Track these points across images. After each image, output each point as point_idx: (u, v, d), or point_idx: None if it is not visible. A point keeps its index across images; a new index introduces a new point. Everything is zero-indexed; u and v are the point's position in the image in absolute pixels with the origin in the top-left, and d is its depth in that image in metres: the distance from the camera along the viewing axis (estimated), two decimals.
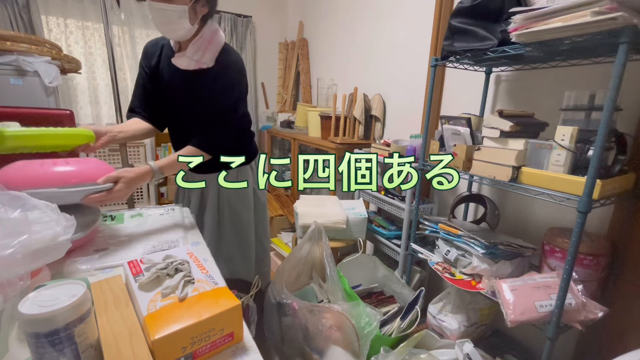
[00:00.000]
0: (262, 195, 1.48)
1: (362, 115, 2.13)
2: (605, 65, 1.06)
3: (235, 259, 1.42)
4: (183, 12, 1.03)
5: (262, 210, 1.50)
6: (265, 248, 1.57)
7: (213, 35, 1.14)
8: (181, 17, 1.04)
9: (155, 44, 1.25)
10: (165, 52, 1.21)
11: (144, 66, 1.25)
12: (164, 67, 1.21)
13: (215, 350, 0.56)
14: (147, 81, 1.25)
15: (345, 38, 2.52)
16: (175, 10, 1.02)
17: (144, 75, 1.25)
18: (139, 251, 0.86)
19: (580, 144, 0.93)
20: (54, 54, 1.78)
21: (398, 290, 1.50)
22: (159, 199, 3.13)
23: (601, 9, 0.75)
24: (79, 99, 2.75)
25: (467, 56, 1.17)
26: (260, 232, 1.51)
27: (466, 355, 1.10)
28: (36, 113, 1.54)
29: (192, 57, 1.12)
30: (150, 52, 1.24)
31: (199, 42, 1.12)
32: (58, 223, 0.58)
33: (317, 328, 1.08)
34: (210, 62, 1.14)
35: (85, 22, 2.64)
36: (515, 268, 1.14)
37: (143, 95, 1.26)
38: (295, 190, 2.67)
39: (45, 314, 0.44)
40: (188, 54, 1.12)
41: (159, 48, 1.23)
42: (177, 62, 1.15)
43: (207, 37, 1.13)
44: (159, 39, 1.25)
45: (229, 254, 1.40)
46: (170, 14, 1.02)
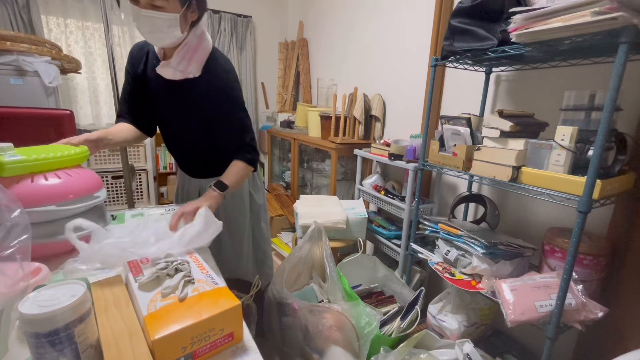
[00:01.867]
0: (259, 198, 1.44)
1: (362, 115, 2.13)
2: (605, 65, 1.06)
3: (232, 263, 1.40)
4: (174, 21, 0.95)
5: (259, 212, 1.46)
6: (264, 250, 1.54)
7: (199, 42, 1.06)
8: (171, 26, 0.95)
9: (140, 48, 1.17)
10: (151, 60, 1.14)
11: (130, 72, 1.18)
12: (150, 76, 1.14)
13: (215, 350, 0.56)
14: (134, 88, 1.19)
15: (346, 38, 2.52)
16: (166, 19, 0.94)
17: (130, 80, 1.19)
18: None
19: (580, 144, 0.93)
20: (54, 54, 1.78)
21: (398, 290, 1.50)
22: (159, 199, 3.13)
23: (601, 9, 0.75)
24: (79, 99, 2.75)
25: (467, 56, 1.17)
26: (258, 235, 1.48)
27: (466, 355, 1.10)
28: (36, 113, 1.55)
29: (177, 67, 1.05)
30: (136, 58, 1.17)
31: (184, 51, 1.03)
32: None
33: (317, 328, 1.08)
34: (196, 72, 1.07)
35: (85, 22, 2.65)
36: (515, 268, 1.14)
37: (129, 101, 1.21)
38: (295, 190, 2.67)
39: (45, 314, 0.44)
40: (172, 64, 1.04)
41: (145, 54, 1.15)
42: (162, 71, 1.07)
43: (193, 45, 1.05)
44: (145, 43, 1.18)
45: (226, 258, 1.38)
46: (160, 22, 0.94)
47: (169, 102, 1.15)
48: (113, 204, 2.72)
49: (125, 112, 1.22)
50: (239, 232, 1.39)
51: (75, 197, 0.82)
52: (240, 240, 1.40)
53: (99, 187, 0.92)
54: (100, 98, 2.82)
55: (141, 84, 1.17)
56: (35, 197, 0.76)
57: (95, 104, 2.81)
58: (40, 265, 0.69)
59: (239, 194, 1.35)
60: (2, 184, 0.64)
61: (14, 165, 0.76)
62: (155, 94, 1.16)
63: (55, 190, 0.79)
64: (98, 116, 2.83)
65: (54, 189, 0.79)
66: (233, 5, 3.08)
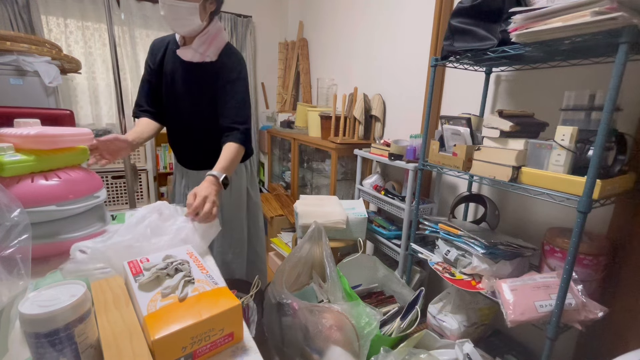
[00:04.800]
0: (255, 195, 1.47)
1: (362, 115, 2.13)
2: (605, 65, 1.06)
3: (227, 259, 1.41)
4: (194, 9, 1.11)
5: (254, 210, 1.49)
6: (256, 250, 1.55)
7: (218, 32, 1.23)
8: (192, 14, 1.12)
9: (161, 40, 1.32)
10: (171, 47, 1.28)
11: (149, 62, 1.32)
12: (168, 60, 1.28)
13: (215, 350, 0.56)
14: (152, 76, 1.31)
15: (345, 38, 2.52)
16: (187, 7, 1.10)
17: (149, 70, 1.32)
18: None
19: (580, 144, 0.93)
20: (54, 54, 1.78)
21: (398, 290, 1.50)
22: (159, 199, 3.13)
23: (601, 9, 0.75)
24: (79, 99, 2.75)
25: (467, 56, 1.17)
26: (252, 233, 1.50)
27: (466, 355, 1.10)
28: (36, 113, 1.54)
29: (197, 49, 1.19)
30: (156, 48, 1.31)
31: (204, 37, 1.19)
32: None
33: (317, 328, 1.07)
34: (213, 56, 1.21)
35: (85, 22, 2.65)
36: (515, 268, 1.14)
37: (148, 90, 1.33)
38: (295, 190, 2.67)
39: (45, 314, 0.44)
40: (194, 46, 1.19)
41: (165, 44, 1.30)
42: (182, 53, 1.22)
43: (212, 33, 1.21)
44: (166, 37, 1.32)
45: (221, 253, 1.40)
46: (182, 10, 1.10)
47: (184, 81, 1.26)
48: (113, 204, 2.72)
49: (143, 102, 1.33)
50: (233, 226, 1.40)
51: (75, 197, 0.82)
52: (236, 234, 1.42)
53: (99, 187, 0.92)
54: (100, 98, 2.82)
55: (158, 69, 1.30)
56: (35, 197, 0.75)
57: (95, 104, 2.81)
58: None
59: (237, 189, 1.37)
60: (2, 184, 0.64)
61: (14, 165, 0.75)
62: (172, 76, 1.27)
63: (55, 190, 0.79)
64: (98, 116, 2.83)
65: (54, 189, 0.79)
66: (233, 5, 3.08)
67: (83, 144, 0.90)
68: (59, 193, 0.79)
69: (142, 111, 1.33)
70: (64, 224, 0.81)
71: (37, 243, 0.73)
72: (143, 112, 1.33)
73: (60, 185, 0.80)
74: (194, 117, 1.29)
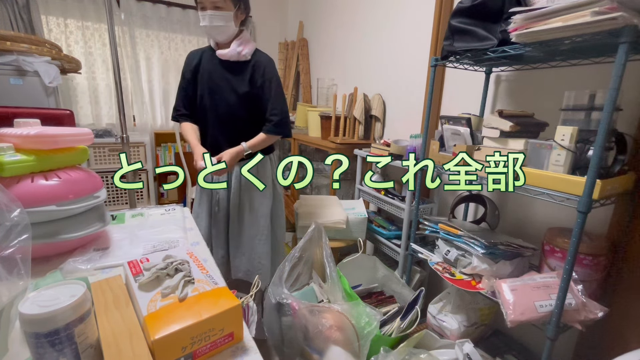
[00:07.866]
0: (279, 187, 1.63)
1: (362, 115, 2.13)
2: (605, 65, 1.06)
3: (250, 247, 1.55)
4: (229, 17, 1.35)
5: (278, 201, 1.63)
6: (279, 239, 1.69)
7: (249, 38, 1.48)
8: (228, 21, 1.35)
9: (197, 51, 1.53)
10: (207, 54, 1.49)
11: (184, 72, 1.51)
12: (205, 63, 1.48)
13: (215, 350, 0.56)
14: (188, 83, 1.50)
15: (346, 38, 2.52)
16: (224, 15, 1.34)
17: (186, 77, 1.51)
18: (139, 251, 0.86)
19: (580, 144, 0.93)
20: (54, 54, 1.78)
21: (398, 290, 1.50)
22: (159, 199, 3.13)
23: (601, 9, 0.74)
24: (79, 99, 2.76)
25: (467, 56, 1.17)
26: (276, 224, 1.65)
27: (466, 355, 1.10)
28: (36, 113, 1.54)
29: (236, 49, 1.41)
30: (191, 57, 1.51)
31: (240, 40, 1.43)
32: None
33: (317, 328, 1.07)
34: (248, 55, 1.44)
35: (85, 22, 2.65)
36: (515, 268, 1.14)
37: (184, 97, 1.53)
38: (295, 190, 2.67)
39: (45, 314, 0.44)
40: (232, 47, 1.41)
41: (200, 52, 1.51)
42: (220, 53, 1.42)
43: (246, 38, 1.46)
44: (199, 48, 1.54)
45: (250, 237, 1.55)
46: (221, 18, 1.34)
47: (221, 76, 1.46)
48: (113, 204, 2.73)
49: (181, 106, 1.54)
50: (259, 214, 1.55)
51: (75, 197, 0.82)
52: (261, 223, 1.55)
53: (99, 187, 0.92)
54: (100, 98, 2.82)
55: (195, 75, 1.50)
56: (35, 197, 0.75)
57: (95, 104, 2.81)
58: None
59: (262, 173, 1.54)
60: (2, 184, 0.64)
61: (14, 165, 0.75)
62: (210, 74, 1.47)
63: (55, 190, 0.79)
64: (98, 116, 2.84)
65: (54, 189, 0.79)
66: None
67: (83, 144, 0.90)
68: (59, 193, 0.79)
69: (181, 115, 1.53)
70: (64, 224, 0.80)
71: (37, 243, 0.73)
72: (182, 117, 1.54)
73: (60, 185, 0.80)
74: (230, 108, 1.47)
